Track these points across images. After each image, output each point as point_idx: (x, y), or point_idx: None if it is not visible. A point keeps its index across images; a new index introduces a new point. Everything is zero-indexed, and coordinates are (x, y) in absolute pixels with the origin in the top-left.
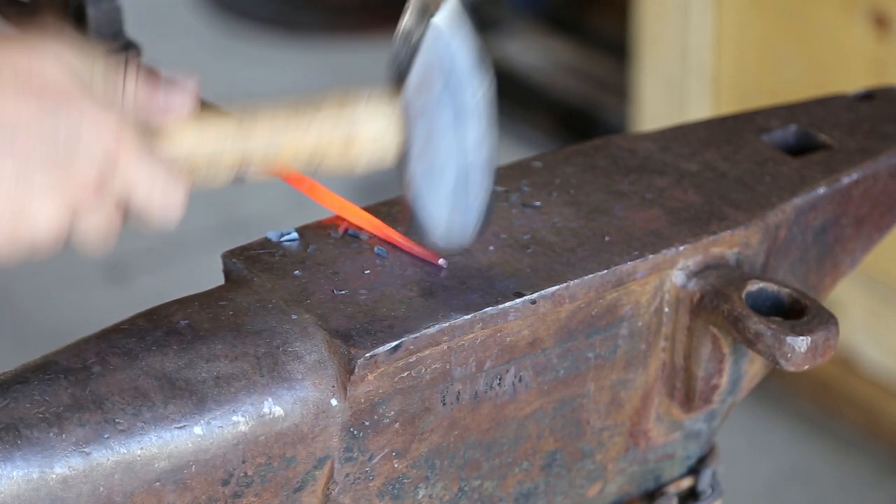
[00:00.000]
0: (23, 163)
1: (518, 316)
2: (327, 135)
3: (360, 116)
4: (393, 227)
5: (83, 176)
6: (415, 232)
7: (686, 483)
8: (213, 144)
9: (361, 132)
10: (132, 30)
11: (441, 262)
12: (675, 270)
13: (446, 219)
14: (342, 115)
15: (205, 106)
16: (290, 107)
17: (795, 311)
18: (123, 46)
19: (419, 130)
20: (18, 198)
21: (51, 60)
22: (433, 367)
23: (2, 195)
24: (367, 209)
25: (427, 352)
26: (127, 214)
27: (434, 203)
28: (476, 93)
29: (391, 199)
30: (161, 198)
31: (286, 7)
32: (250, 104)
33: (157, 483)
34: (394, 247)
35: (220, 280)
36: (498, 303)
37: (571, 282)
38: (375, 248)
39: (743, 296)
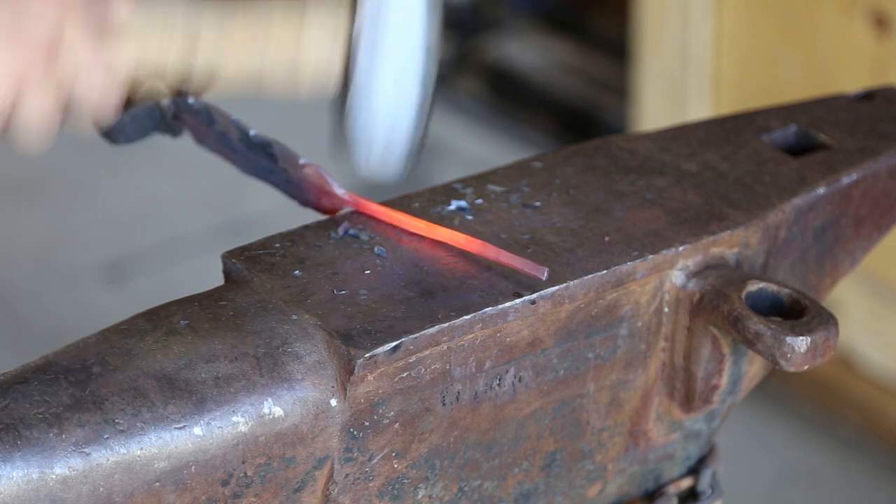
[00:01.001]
0: None
1: (518, 316)
2: (274, 56)
3: (309, 39)
4: (484, 240)
5: (30, 51)
6: (344, 158)
7: (686, 483)
8: (157, 51)
9: (309, 54)
10: None
11: (544, 276)
12: (675, 271)
13: (379, 148)
14: (291, 37)
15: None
16: (240, 29)
17: (795, 312)
18: None
19: (364, 60)
20: None
21: None
22: (433, 367)
23: None
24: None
25: (427, 352)
26: (66, 107)
27: (369, 133)
28: (427, 32)
29: (391, 198)
30: (100, 90)
31: None
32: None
33: (157, 483)
34: (396, 247)
35: (220, 280)
36: (498, 303)
37: (571, 282)
38: (375, 248)
39: (743, 296)
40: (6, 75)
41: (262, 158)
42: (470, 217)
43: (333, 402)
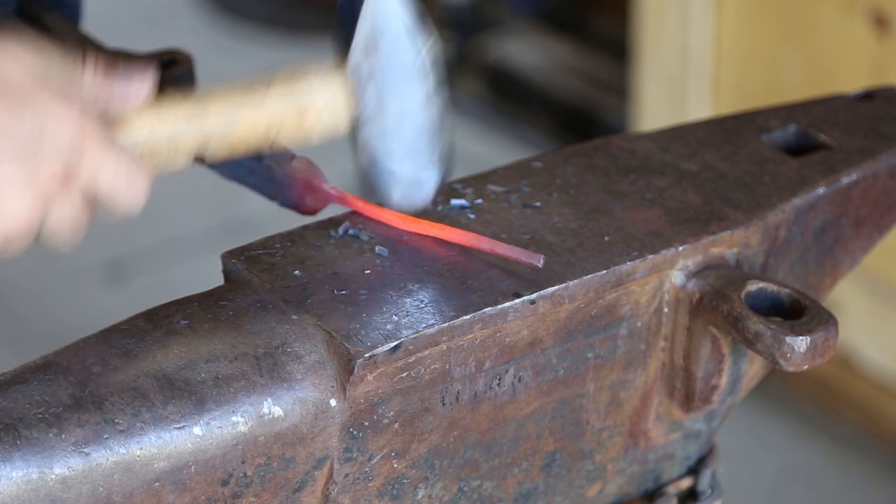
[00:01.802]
0: None
1: (517, 316)
2: (281, 108)
3: (311, 86)
4: (478, 233)
5: (50, 166)
6: (371, 194)
7: (686, 483)
8: (171, 127)
9: (314, 101)
10: (132, 30)
11: (540, 263)
12: (675, 271)
13: (404, 178)
14: (294, 88)
15: (164, 94)
16: (243, 86)
17: (795, 312)
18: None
19: (369, 94)
20: None
21: (8, 59)
22: (433, 367)
23: None
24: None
25: (426, 352)
26: (94, 204)
27: (390, 163)
28: (420, 51)
29: None
30: (125, 184)
31: (286, 7)
32: (206, 88)
33: (157, 483)
34: (397, 247)
35: (220, 280)
36: (497, 303)
37: (571, 282)
38: (376, 248)
39: (742, 296)
40: (30, 195)
41: (246, 157)
42: (472, 216)
43: (333, 402)
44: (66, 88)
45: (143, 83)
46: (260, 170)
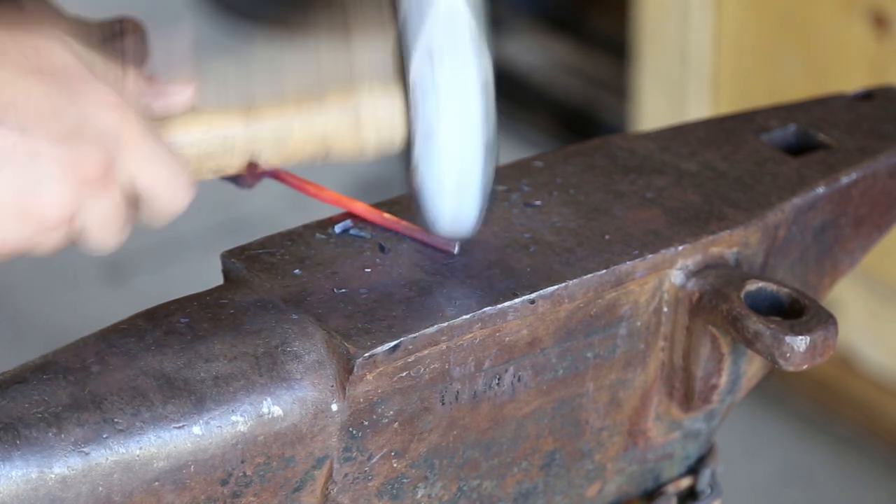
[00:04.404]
0: (31, 139)
1: (517, 316)
2: (336, 118)
3: (369, 96)
4: (400, 218)
5: (91, 153)
6: (419, 219)
7: (685, 483)
8: (222, 133)
9: (372, 113)
10: None
11: (455, 249)
12: (675, 270)
13: (453, 203)
14: (352, 96)
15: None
16: (297, 91)
17: (794, 311)
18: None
19: (425, 110)
20: (27, 173)
21: (56, 41)
22: (432, 366)
23: (10, 171)
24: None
25: (426, 352)
26: (135, 204)
27: (440, 187)
28: (482, 69)
29: (390, 198)
30: (167, 183)
31: (286, 7)
32: (254, 95)
33: (156, 483)
34: (397, 246)
35: (219, 280)
36: (497, 303)
37: (570, 282)
38: (377, 247)
39: (742, 295)
40: (70, 181)
41: None
42: None
43: (333, 402)
44: (111, 77)
45: (187, 86)
46: None
